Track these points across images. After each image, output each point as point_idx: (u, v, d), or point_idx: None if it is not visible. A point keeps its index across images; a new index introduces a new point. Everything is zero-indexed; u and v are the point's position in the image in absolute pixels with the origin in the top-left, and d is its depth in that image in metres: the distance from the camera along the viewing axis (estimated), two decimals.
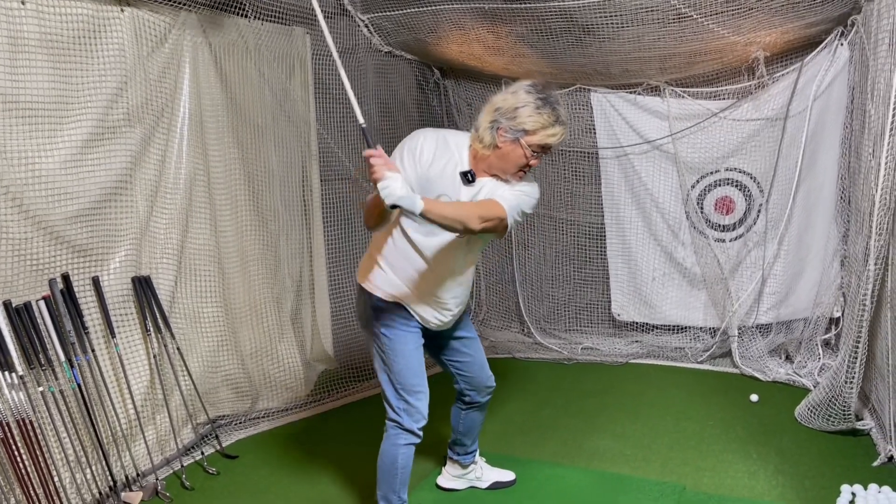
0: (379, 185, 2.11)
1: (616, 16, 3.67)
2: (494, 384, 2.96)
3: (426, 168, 2.45)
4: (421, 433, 2.61)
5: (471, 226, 2.32)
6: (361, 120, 2.26)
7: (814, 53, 3.95)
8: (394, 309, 2.57)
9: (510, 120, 2.39)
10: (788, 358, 4.37)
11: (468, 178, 2.48)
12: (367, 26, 4.36)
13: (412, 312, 2.59)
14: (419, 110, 5.00)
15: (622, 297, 4.90)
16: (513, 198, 2.47)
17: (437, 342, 2.80)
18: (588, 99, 4.67)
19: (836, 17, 3.73)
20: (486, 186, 2.50)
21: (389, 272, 2.56)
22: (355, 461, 3.46)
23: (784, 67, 4.10)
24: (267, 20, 3.88)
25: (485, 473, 3.18)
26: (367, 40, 4.42)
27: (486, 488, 3.16)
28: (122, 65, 3.12)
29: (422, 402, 2.60)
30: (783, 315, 4.39)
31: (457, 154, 2.50)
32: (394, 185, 2.11)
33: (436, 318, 2.63)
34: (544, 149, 2.46)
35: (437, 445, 3.33)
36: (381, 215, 2.44)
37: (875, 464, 3.14)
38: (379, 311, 2.58)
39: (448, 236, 2.48)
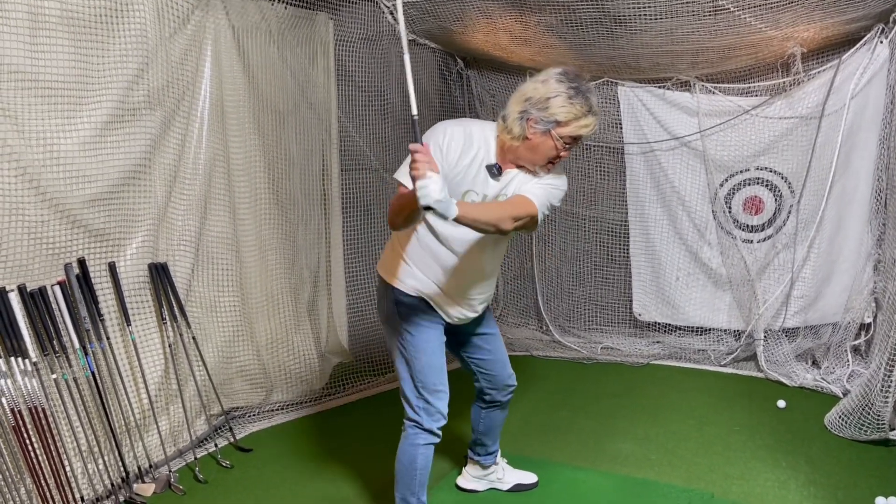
0: (418, 184, 1.98)
1: (649, 7, 3.56)
2: (516, 383, 2.87)
3: (453, 164, 2.34)
4: (440, 433, 2.52)
5: (504, 227, 2.23)
6: (415, 112, 2.12)
7: (852, 51, 3.83)
8: (417, 304, 2.49)
9: (541, 111, 2.28)
10: (815, 363, 4.26)
11: (495, 171, 2.38)
12: (391, 13, 4.27)
13: (436, 308, 2.51)
14: (441, 100, 4.91)
15: (644, 297, 4.80)
16: (542, 192, 2.37)
17: (457, 338, 2.71)
18: (615, 93, 4.56)
19: (877, 13, 3.62)
20: (515, 180, 2.41)
21: (414, 268, 2.47)
22: (371, 458, 3.38)
23: (820, 64, 3.98)
24: (291, 4, 3.80)
25: (506, 475, 3.09)
26: (391, 27, 4.32)
27: (507, 490, 3.07)
28: (143, 45, 3.03)
29: (442, 402, 2.51)
30: (811, 319, 4.28)
31: (483, 147, 2.39)
32: (432, 187, 1.97)
33: (461, 313, 2.55)
34: (575, 140, 2.35)
35: (457, 444, 3.25)
36: (410, 216, 2.28)
37: None
38: (402, 306, 2.50)
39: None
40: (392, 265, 2.52)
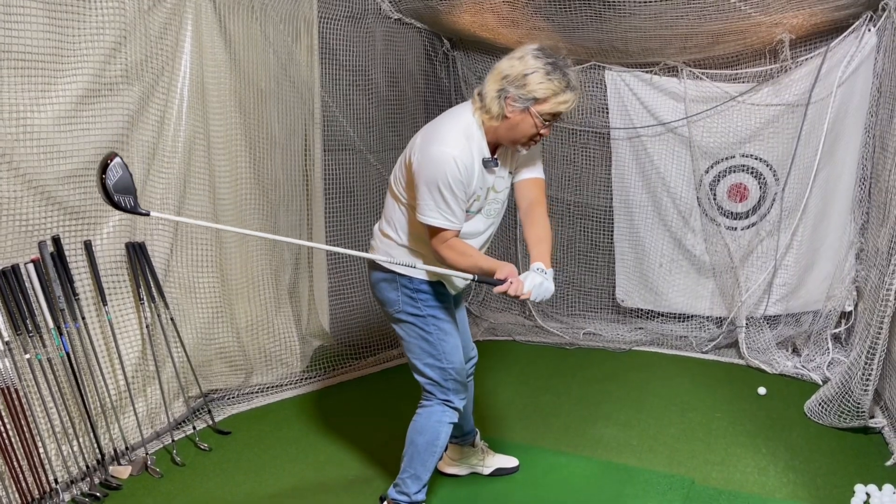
0: (533, 298, 2.25)
1: None
2: (476, 355, 2.88)
3: (472, 182, 2.32)
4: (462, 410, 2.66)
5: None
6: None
7: (840, 38, 3.81)
8: (436, 287, 2.52)
9: (519, 88, 2.22)
10: (796, 351, 4.27)
11: (493, 165, 2.37)
12: None
13: (448, 285, 2.55)
14: (427, 81, 4.84)
15: (627, 283, 4.79)
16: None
17: None
18: (602, 77, 4.52)
19: (866, 1, 3.60)
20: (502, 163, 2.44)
21: (425, 258, 2.47)
22: (352, 441, 3.35)
23: (808, 52, 3.95)
24: None
25: (487, 459, 3.08)
26: (376, 6, 4.25)
27: (489, 475, 3.06)
28: (121, 18, 2.95)
29: (465, 379, 2.61)
30: (793, 307, 4.29)
31: (477, 144, 2.32)
32: (546, 286, 2.28)
33: (462, 281, 2.57)
34: (555, 116, 2.30)
35: None
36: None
37: (888, 463, 3.06)
38: (423, 294, 2.50)
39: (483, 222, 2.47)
40: (402, 258, 2.47)
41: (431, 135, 2.31)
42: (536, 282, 2.26)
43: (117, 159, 2.05)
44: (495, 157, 2.39)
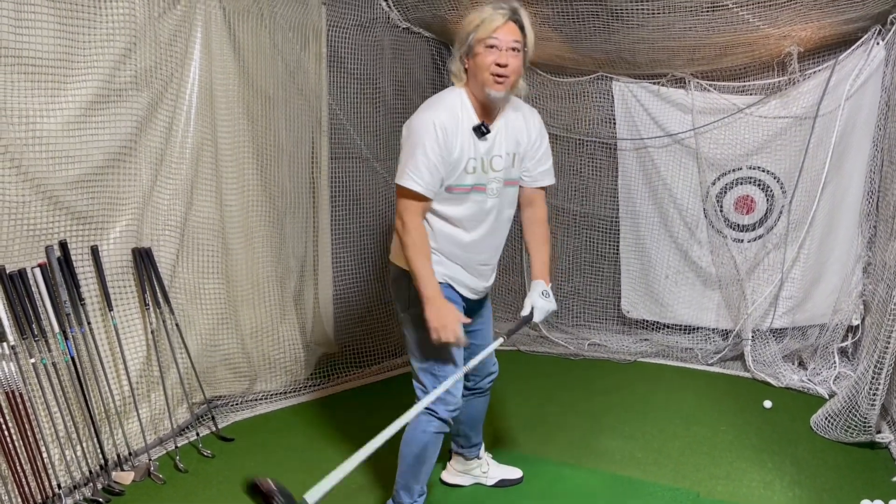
0: (536, 320, 2.57)
1: (648, 2, 3.53)
2: (497, 370, 2.87)
3: (453, 148, 2.36)
4: (452, 422, 2.57)
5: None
6: None
7: (849, 51, 3.81)
8: (447, 291, 2.49)
9: (463, 40, 2.36)
10: (802, 364, 4.25)
11: (483, 130, 2.40)
12: (385, 0, 4.21)
13: (460, 288, 2.55)
14: (434, 90, 4.82)
15: (633, 294, 4.78)
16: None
17: None
18: (609, 88, 4.53)
19: (874, 14, 3.60)
20: (499, 136, 2.45)
21: (439, 255, 2.49)
22: (354, 449, 3.33)
23: (816, 64, 3.96)
24: None
25: (490, 470, 3.06)
26: (385, 14, 4.26)
27: (492, 486, 3.04)
28: (131, 24, 2.96)
29: (457, 390, 2.53)
30: (799, 320, 4.27)
31: (464, 112, 2.39)
32: (546, 310, 2.59)
33: (478, 284, 2.61)
34: (502, 44, 2.30)
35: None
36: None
37: (895, 479, 3.03)
38: None
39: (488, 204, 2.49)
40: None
41: (418, 109, 2.43)
42: (539, 305, 2.57)
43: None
44: (484, 123, 2.41)
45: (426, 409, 2.47)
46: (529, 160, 2.58)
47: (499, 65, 2.30)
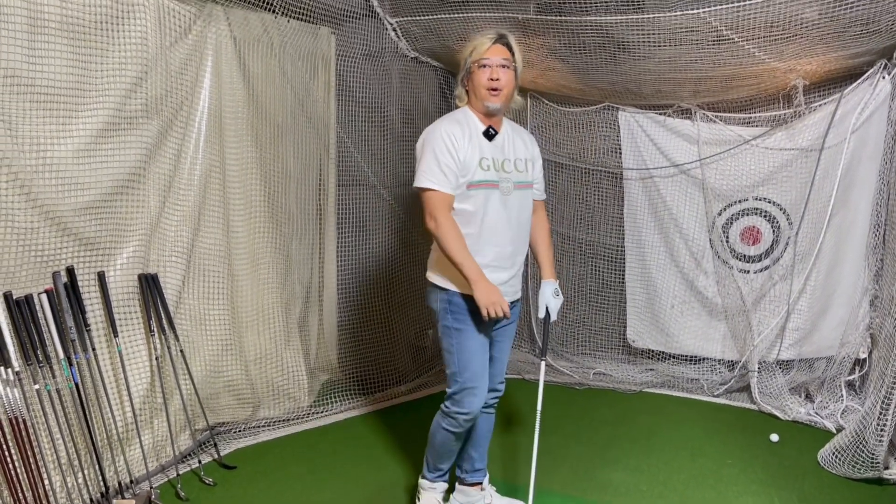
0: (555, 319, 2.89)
1: (654, 34, 3.56)
2: (503, 390, 2.94)
3: (465, 149, 2.59)
4: (465, 425, 2.72)
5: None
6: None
7: (854, 85, 3.83)
8: (470, 303, 2.61)
9: (463, 64, 2.68)
10: (809, 397, 4.22)
11: (491, 132, 2.67)
12: (395, 30, 4.25)
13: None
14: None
15: (638, 323, 4.77)
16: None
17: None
18: (615, 118, 4.55)
19: (880, 49, 3.61)
20: (508, 143, 2.72)
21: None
22: (357, 478, 3.32)
23: (822, 97, 3.98)
24: (293, 17, 3.78)
25: (494, 502, 3.03)
26: (393, 44, 4.31)
27: None
28: (143, 54, 3.00)
29: (473, 398, 2.67)
30: (806, 352, 4.24)
31: (469, 123, 2.65)
32: (559, 305, 2.87)
33: (506, 276, 2.74)
34: (493, 62, 2.58)
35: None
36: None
37: None
38: (455, 306, 2.67)
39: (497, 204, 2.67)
40: (445, 269, 2.67)
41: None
42: (553, 305, 2.85)
43: None
44: (492, 126, 2.67)
45: (445, 404, 2.74)
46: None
47: (491, 79, 2.59)
